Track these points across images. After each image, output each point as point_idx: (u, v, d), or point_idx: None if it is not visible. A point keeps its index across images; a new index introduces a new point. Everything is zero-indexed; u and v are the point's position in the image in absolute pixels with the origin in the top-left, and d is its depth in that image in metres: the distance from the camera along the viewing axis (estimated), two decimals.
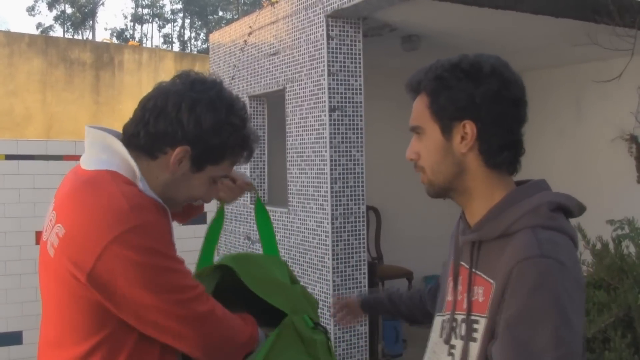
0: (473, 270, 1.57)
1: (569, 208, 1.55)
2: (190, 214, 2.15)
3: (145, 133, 1.75)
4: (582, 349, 1.40)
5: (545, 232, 1.45)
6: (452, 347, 1.57)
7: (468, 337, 1.52)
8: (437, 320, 1.70)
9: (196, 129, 1.72)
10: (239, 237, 6.58)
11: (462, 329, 1.55)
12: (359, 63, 5.24)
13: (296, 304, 1.96)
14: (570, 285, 1.38)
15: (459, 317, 1.57)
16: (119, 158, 1.72)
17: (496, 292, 1.44)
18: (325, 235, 5.14)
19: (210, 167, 1.79)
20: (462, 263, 1.64)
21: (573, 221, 1.59)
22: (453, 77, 1.55)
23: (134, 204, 1.62)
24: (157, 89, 1.80)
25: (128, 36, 54.33)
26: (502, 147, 1.56)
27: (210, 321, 1.71)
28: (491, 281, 1.47)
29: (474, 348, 1.49)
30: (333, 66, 5.12)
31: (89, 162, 1.77)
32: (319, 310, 5.17)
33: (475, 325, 1.50)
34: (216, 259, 2.10)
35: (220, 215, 2.18)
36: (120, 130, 1.85)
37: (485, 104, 1.53)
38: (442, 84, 1.56)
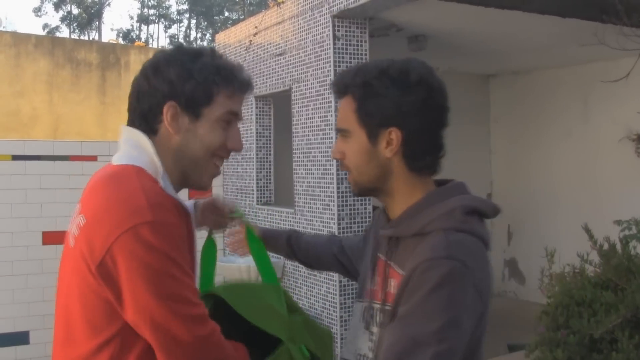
0: (389, 263, 1.63)
1: (483, 211, 1.60)
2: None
3: (138, 115, 1.79)
4: (467, 349, 1.47)
5: (456, 234, 1.51)
6: (372, 333, 1.64)
7: (382, 325, 1.59)
8: (358, 307, 1.76)
9: (168, 83, 1.75)
10: None
11: (379, 317, 1.63)
12: None
13: (294, 333, 1.90)
14: (469, 289, 1.45)
15: (376, 306, 1.65)
16: (147, 156, 1.74)
17: (400, 285, 1.51)
18: None
19: (205, 109, 1.79)
20: (380, 255, 1.70)
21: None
22: (381, 84, 1.57)
23: (153, 202, 1.62)
24: (132, 83, 1.86)
25: (134, 37, 54.44)
26: (425, 152, 1.61)
27: (205, 346, 1.65)
28: (403, 274, 1.53)
29: None
30: (339, 66, 5.12)
31: (119, 158, 1.79)
32: (330, 313, 5.16)
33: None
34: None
35: (209, 244, 2.13)
36: None
37: (412, 112, 1.56)
38: (369, 91, 1.59)
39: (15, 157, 6.15)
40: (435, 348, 1.38)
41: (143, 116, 1.79)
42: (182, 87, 1.75)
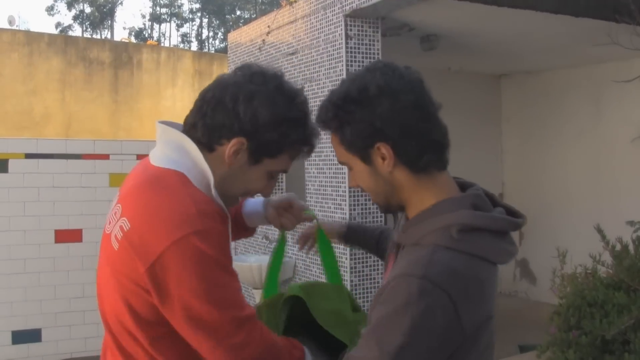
0: (391, 268, 1.63)
1: (492, 229, 1.54)
2: (241, 235, 2.18)
3: (203, 124, 1.75)
4: None
5: (446, 253, 1.46)
6: None
7: None
8: None
9: (252, 121, 1.72)
10: (256, 236, 6.58)
11: None
12: None
13: (355, 335, 1.95)
14: (438, 314, 1.40)
15: None
16: (191, 162, 1.74)
17: (377, 291, 1.50)
18: None
19: (267, 160, 1.78)
20: (391, 258, 1.71)
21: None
22: (347, 111, 1.56)
23: (201, 210, 1.64)
24: (216, 81, 1.81)
25: (146, 35, 54.59)
26: (421, 152, 1.55)
27: (256, 345, 1.70)
28: None
29: None
30: (351, 66, 5.12)
31: (158, 159, 1.78)
32: None
33: None
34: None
35: (281, 242, 2.20)
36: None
37: (386, 124, 1.53)
38: (341, 121, 1.57)
39: (28, 156, 6.18)
40: None
41: (209, 128, 1.75)
42: (263, 134, 1.74)
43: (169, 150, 1.77)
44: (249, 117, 1.72)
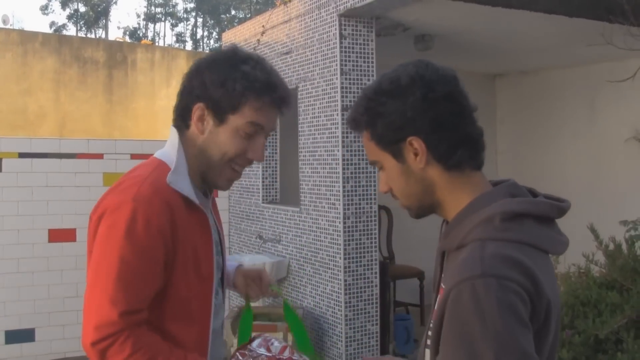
0: (441, 278, 1.59)
1: (536, 214, 1.49)
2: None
3: (175, 109, 1.96)
4: None
5: (493, 245, 1.41)
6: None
7: (425, 345, 1.55)
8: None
9: (202, 86, 1.89)
10: (250, 235, 6.59)
11: (426, 337, 1.57)
12: (372, 62, 5.23)
13: None
14: (499, 307, 1.32)
15: (430, 325, 1.55)
16: (172, 150, 1.92)
17: (439, 307, 1.43)
18: (337, 235, 5.14)
19: (231, 117, 1.89)
20: (438, 271, 1.66)
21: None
22: (378, 103, 1.54)
23: (145, 190, 1.80)
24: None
25: (141, 35, 54.51)
26: (454, 147, 1.52)
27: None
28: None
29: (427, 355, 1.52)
30: (346, 65, 5.12)
31: (157, 152, 1.99)
32: (335, 312, 5.15)
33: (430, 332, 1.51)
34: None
35: (248, 310, 2.27)
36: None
37: (417, 114, 1.50)
38: (372, 114, 1.55)
39: (22, 155, 6.17)
40: None
41: (179, 112, 1.95)
42: (213, 93, 1.88)
43: (167, 145, 1.96)
44: (200, 83, 1.90)
